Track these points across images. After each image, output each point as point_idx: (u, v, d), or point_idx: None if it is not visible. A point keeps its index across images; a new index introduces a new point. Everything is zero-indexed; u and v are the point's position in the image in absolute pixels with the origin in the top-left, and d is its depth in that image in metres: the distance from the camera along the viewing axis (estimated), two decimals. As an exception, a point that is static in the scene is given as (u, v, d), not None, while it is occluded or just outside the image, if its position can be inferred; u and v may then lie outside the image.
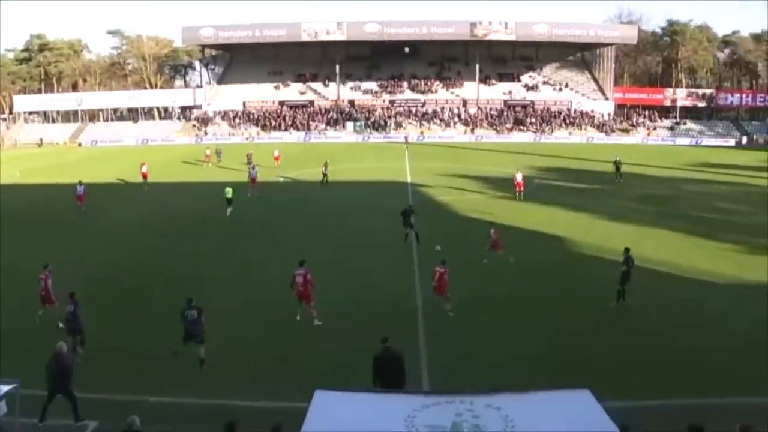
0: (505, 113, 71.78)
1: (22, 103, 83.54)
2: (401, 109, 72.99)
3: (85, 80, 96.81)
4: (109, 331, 13.63)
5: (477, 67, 73.53)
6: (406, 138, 62.61)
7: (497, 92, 74.62)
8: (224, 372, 11.74)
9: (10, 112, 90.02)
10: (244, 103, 75.13)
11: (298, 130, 69.79)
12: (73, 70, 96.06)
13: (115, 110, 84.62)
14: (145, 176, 35.31)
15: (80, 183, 29.42)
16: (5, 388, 8.58)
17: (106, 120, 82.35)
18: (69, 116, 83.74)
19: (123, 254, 20.34)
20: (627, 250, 15.20)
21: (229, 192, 27.07)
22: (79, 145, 71.37)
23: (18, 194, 33.88)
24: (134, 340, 13.30)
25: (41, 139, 73.68)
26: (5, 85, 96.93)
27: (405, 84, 76.31)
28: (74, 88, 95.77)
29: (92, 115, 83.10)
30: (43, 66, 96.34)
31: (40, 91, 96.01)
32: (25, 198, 32.76)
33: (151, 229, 24.40)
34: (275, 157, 43.47)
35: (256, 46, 77.37)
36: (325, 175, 34.85)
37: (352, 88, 76.10)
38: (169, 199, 31.47)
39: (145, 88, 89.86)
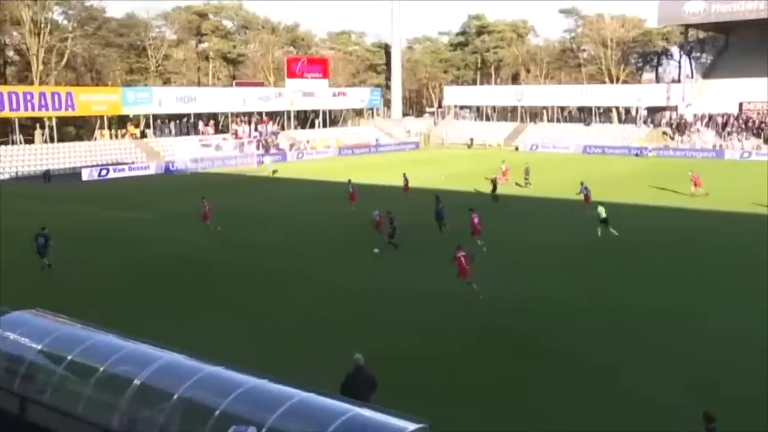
0: None
1: (453, 95, 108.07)
2: None
3: (528, 70, 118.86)
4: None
5: None
6: None
7: None
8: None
9: (439, 106, 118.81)
10: (740, 105, 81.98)
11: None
12: (515, 58, 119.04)
13: (562, 109, 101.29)
14: (587, 199, 41.18)
15: (349, 182, 43.40)
16: (411, 426, 10.49)
17: (550, 120, 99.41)
18: (506, 113, 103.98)
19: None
20: None
21: (602, 211, 33.25)
22: (516, 149, 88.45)
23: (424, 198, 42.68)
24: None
25: (471, 140, 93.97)
26: (436, 74, 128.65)
27: None
28: (514, 79, 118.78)
29: (534, 114, 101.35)
30: (480, 52, 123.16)
31: (474, 82, 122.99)
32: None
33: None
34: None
35: (766, 24, 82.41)
36: None
37: None
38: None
39: (603, 81, 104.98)
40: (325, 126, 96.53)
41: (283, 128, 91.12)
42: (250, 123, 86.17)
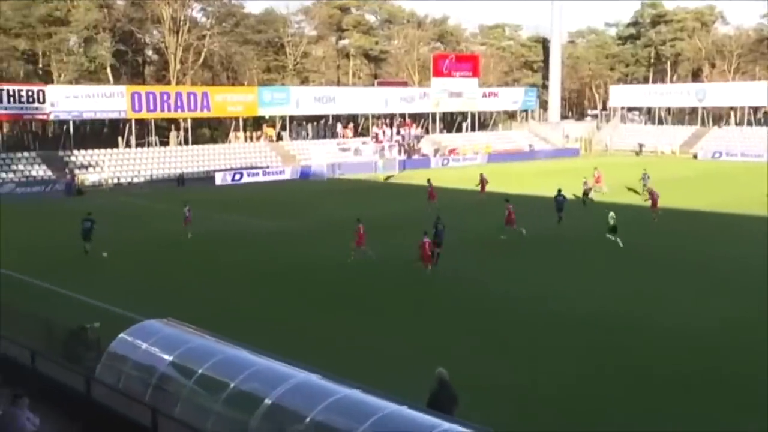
0: None
1: (621, 95, 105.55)
2: None
3: (713, 65, 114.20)
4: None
5: None
6: None
7: None
8: None
9: (604, 108, 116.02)
10: None
11: None
12: (697, 51, 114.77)
13: (755, 110, 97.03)
14: (654, 204, 41.55)
15: (428, 181, 48.87)
16: None
17: (738, 123, 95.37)
18: (683, 116, 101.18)
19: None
20: None
21: (611, 218, 34.64)
22: (695, 157, 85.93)
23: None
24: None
25: (640, 146, 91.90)
26: (600, 72, 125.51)
27: None
28: (695, 76, 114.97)
29: (718, 116, 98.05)
30: (654, 45, 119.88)
31: (645, 80, 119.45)
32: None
33: None
34: None
35: None
36: None
37: None
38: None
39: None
40: (473, 130, 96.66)
41: (427, 132, 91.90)
42: (391, 126, 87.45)
